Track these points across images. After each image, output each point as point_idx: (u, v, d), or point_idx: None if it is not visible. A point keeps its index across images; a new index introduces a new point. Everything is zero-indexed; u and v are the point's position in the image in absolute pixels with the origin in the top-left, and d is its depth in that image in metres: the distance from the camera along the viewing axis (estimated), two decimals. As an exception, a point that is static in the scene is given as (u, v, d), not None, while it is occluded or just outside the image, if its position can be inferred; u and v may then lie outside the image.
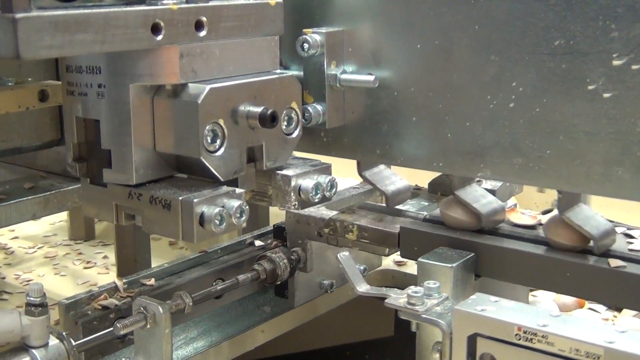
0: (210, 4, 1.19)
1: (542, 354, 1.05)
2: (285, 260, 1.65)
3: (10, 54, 0.98)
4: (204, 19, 1.18)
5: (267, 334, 1.72)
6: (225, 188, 1.22)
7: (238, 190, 1.23)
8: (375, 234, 1.56)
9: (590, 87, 1.21)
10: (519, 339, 1.05)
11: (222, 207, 1.18)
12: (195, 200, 1.16)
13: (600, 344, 1.00)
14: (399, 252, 1.55)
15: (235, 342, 1.64)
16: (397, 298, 1.24)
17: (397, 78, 1.39)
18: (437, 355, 1.17)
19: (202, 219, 1.16)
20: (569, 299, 1.91)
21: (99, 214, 1.28)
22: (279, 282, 1.67)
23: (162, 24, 1.13)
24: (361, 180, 1.97)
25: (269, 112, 1.21)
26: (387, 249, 1.58)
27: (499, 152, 1.31)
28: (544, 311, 1.09)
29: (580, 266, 1.32)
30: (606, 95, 1.20)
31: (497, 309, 1.11)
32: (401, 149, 1.42)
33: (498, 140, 1.30)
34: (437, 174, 1.85)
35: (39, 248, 2.37)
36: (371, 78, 1.39)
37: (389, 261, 2.01)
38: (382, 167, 1.56)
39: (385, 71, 1.40)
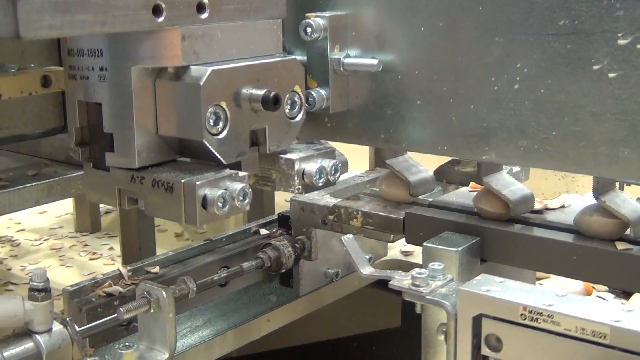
0: (212, -15, 1.19)
1: (548, 334, 1.04)
2: (290, 248, 1.64)
3: (10, 34, 0.98)
4: (206, 1, 1.17)
5: (272, 323, 1.72)
6: (228, 171, 1.21)
7: (241, 173, 1.22)
8: (380, 220, 1.55)
9: (595, 67, 1.20)
10: (525, 319, 1.04)
11: (225, 189, 1.17)
12: (197, 182, 1.16)
13: (606, 322, 0.99)
14: (404, 239, 1.54)
15: (240, 331, 1.64)
16: (401, 280, 1.23)
17: (401, 61, 1.39)
18: (442, 336, 1.16)
19: (204, 202, 1.16)
20: (576, 287, 1.90)
21: (101, 199, 1.28)
22: (283, 270, 1.67)
23: (163, 5, 1.12)
24: (366, 169, 1.98)
25: (272, 94, 1.20)
26: (392, 235, 1.57)
27: (504, 134, 1.30)
28: (549, 291, 1.08)
29: (587, 249, 1.31)
30: (612, 75, 1.19)
31: (502, 289, 1.10)
32: (406, 132, 1.41)
33: (503, 122, 1.29)
34: (442, 161, 1.84)
35: (45, 240, 2.38)
36: (375, 62, 1.38)
37: (396, 251, 2.00)
38: (406, 156, 1.55)
39: (389, 55, 1.39)
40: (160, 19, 1.12)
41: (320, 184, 1.33)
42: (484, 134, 1.32)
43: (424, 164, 1.58)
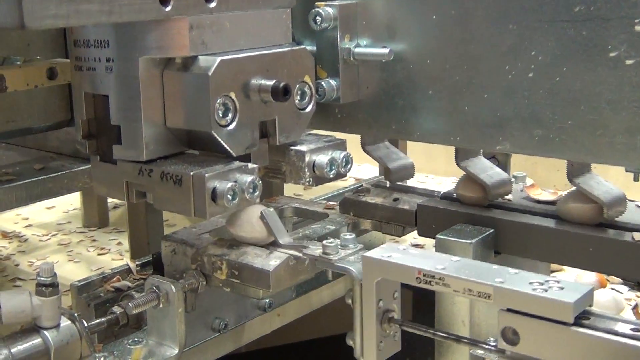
0: (221, -26, 1.17)
1: (565, 327, 1.02)
2: None
3: (15, 23, 0.96)
4: None
5: (283, 318, 1.70)
6: (237, 163, 1.19)
7: (250, 165, 1.20)
8: (390, 213, 1.53)
9: (612, 54, 1.17)
10: (419, 282, 1.10)
11: (235, 182, 1.16)
12: (207, 175, 1.14)
13: (490, 283, 1.04)
14: (414, 232, 1.52)
15: (250, 325, 1.61)
16: (314, 249, 1.26)
17: (413, 50, 1.36)
18: (350, 301, 1.21)
19: (214, 194, 1.14)
20: (589, 279, 1.88)
21: (109, 192, 1.26)
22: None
23: None
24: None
25: (282, 84, 1.18)
26: (403, 229, 1.55)
27: (518, 124, 1.28)
28: (445, 257, 1.13)
29: (602, 240, 1.29)
30: (629, 62, 1.16)
31: (402, 255, 1.14)
32: (418, 123, 1.39)
33: (517, 111, 1.27)
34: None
35: (52, 235, 2.37)
36: (386, 51, 1.36)
37: (406, 245, 1.98)
38: (387, 143, 1.54)
39: (400, 44, 1.37)
40: (168, 8, 1.10)
41: (331, 176, 1.31)
42: (498, 123, 1.30)
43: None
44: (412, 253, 1.15)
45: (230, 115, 1.17)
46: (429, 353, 1.42)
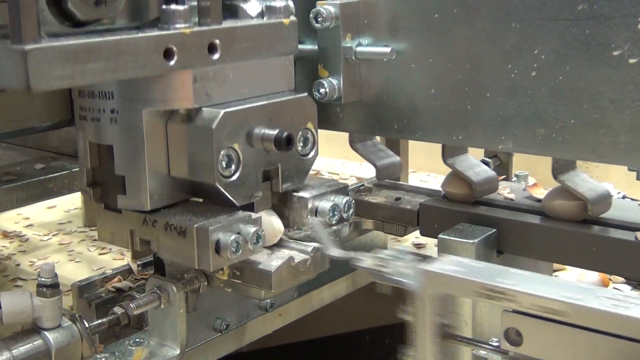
0: (224, 26, 1.15)
1: (570, 327, 1.01)
2: None
3: (21, 85, 0.95)
4: (217, 41, 1.14)
5: (285, 318, 1.69)
6: (241, 213, 1.18)
7: (254, 215, 1.19)
8: (392, 213, 1.52)
9: (615, 53, 1.17)
10: (483, 297, 1.05)
11: (238, 233, 1.15)
12: (210, 227, 1.13)
13: (563, 300, 0.98)
14: (416, 232, 1.51)
15: (252, 325, 1.61)
16: (367, 261, 1.21)
17: (415, 49, 1.36)
18: (407, 315, 1.15)
19: (217, 246, 1.13)
20: (592, 279, 1.87)
21: (114, 240, 1.26)
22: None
23: (174, 48, 1.09)
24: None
25: (285, 135, 1.17)
26: (405, 228, 1.54)
27: (521, 123, 1.27)
28: (506, 270, 1.07)
29: (605, 240, 1.28)
30: (632, 60, 1.16)
31: (464, 268, 1.09)
32: (420, 122, 1.38)
33: (520, 110, 1.27)
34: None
35: (53, 235, 2.35)
36: (388, 50, 1.36)
37: (408, 244, 1.98)
38: (375, 140, 1.54)
39: (402, 43, 1.37)
40: (172, 63, 1.09)
41: (334, 222, 1.30)
42: (501, 122, 1.29)
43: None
44: (473, 266, 1.10)
45: (233, 166, 1.16)
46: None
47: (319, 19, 1.37)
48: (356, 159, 2.49)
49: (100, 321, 1.29)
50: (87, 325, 1.25)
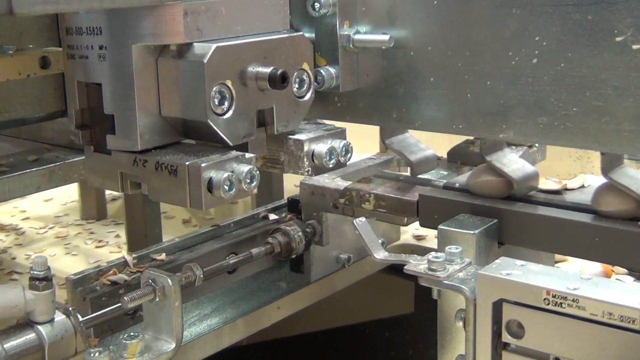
0: (215, -44, 1.14)
1: (573, 319, 0.99)
2: (300, 233, 1.60)
3: (3, 10, 0.93)
4: None
5: (283, 311, 1.68)
6: (234, 152, 1.16)
7: (248, 155, 1.17)
8: (393, 203, 1.50)
9: (618, 39, 1.14)
10: (548, 304, 1.00)
11: (232, 172, 1.13)
12: (202, 165, 1.11)
13: (635, 306, 0.94)
14: (417, 222, 1.49)
15: (250, 318, 1.60)
16: (416, 264, 1.18)
17: (414, 37, 1.33)
18: (461, 323, 1.11)
19: (210, 185, 1.11)
20: (594, 270, 1.85)
21: (103, 183, 1.24)
22: (294, 256, 1.63)
23: None
24: (377, 152, 1.93)
25: (279, 72, 1.15)
26: (406, 219, 1.52)
27: (522, 111, 1.25)
28: (573, 274, 1.03)
29: (607, 230, 1.26)
30: (636, 46, 1.13)
31: (523, 272, 1.05)
32: (419, 111, 1.36)
33: (521, 98, 1.24)
34: (456, 142, 1.79)
35: (50, 228, 2.34)
36: (386, 37, 1.33)
37: (408, 235, 1.96)
38: (407, 134, 1.51)
39: (400, 30, 1.34)
40: None
41: (330, 166, 1.28)
42: (502, 111, 1.27)
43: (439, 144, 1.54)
44: (532, 270, 1.06)
45: (226, 103, 1.14)
46: (432, 345, 1.40)
47: (316, 6, 1.34)
48: (358, 151, 2.47)
49: (94, 315, 1.27)
50: (80, 319, 1.23)
